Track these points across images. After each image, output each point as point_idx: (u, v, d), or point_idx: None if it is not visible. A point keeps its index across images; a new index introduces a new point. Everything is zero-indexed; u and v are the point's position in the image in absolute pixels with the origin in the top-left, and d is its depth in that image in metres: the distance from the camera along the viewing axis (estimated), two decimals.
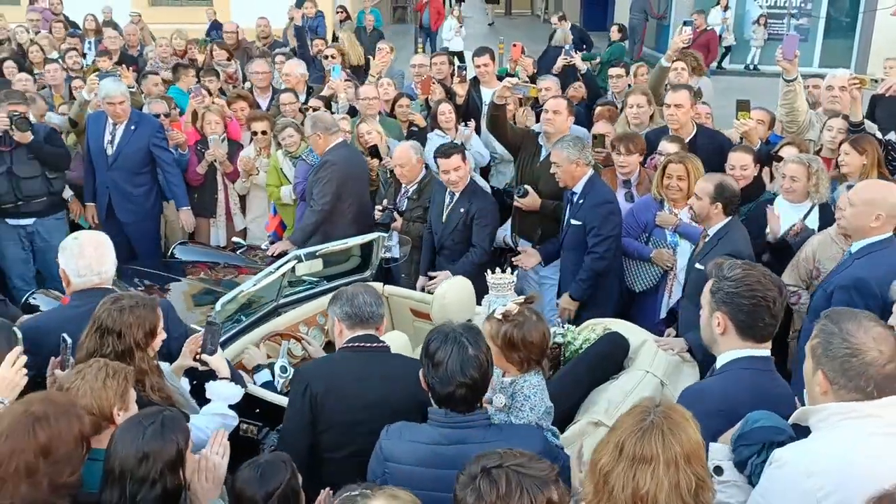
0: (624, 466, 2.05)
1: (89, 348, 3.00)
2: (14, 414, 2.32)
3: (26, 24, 11.95)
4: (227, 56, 8.92)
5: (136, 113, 6.41)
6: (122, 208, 6.35)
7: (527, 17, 29.58)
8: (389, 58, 8.01)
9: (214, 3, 16.47)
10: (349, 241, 5.13)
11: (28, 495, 2.22)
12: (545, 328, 3.11)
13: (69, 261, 3.51)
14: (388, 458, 2.65)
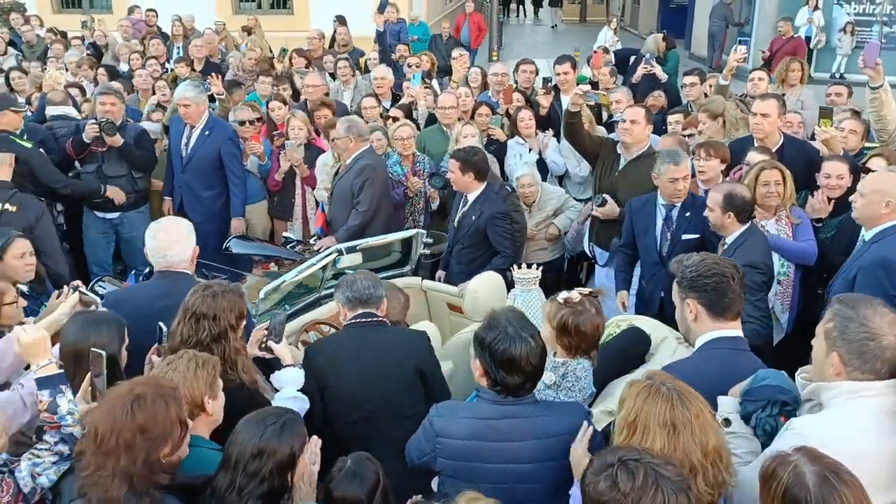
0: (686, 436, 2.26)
1: (184, 334, 3.12)
2: (119, 393, 2.45)
3: (118, 32, 12.49)
4: (305, 64, 9.10)
5: (212, 118, 6.59)
6: (192, 208, 6.54)
7: (601, 25, 29.18)
8: (466, 61, 8.03)
9: (295, 10, 16.83)
10: (388, 237, 5.39)
11: (126, 469, 2.34)
12: (600, 322, 3.28)
13: (147, 243, 3.83)
14: (440, 433, 2.80)
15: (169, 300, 3.56)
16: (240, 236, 6.52)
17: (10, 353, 3.22)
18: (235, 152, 6.57)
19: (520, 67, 7.84)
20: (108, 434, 2.35)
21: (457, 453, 2.77)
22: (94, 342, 3.00)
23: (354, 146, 5.82)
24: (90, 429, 2.40)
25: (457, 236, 5.46)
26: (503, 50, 19.55)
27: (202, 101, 6.46)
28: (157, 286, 3.79)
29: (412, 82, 7.16)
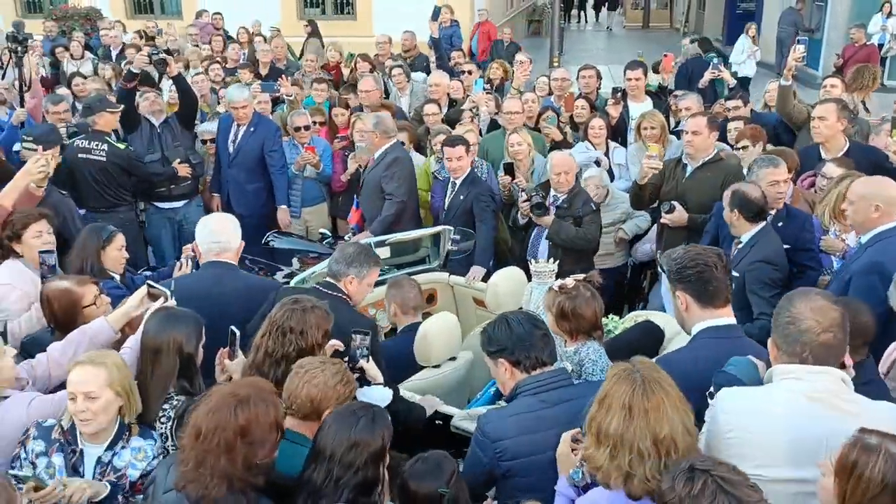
0: (638, 421, 2.32)
1: (269, 347, 3.14)
2: (222, 394, 2.53)
3: (187, 37, 12.85)
4: (370, 69, 9.20)
5: (256, 115, 6.92)
6: (237, 202, 6.84)
7: (665, 31, 28.84)
8: (529, 67, 8.01)
9: (358, 17, 17.04)
10: (417, 232, 5.66)
11: (225, 469, 2.41)
12: (597, 305, 3.52)
13: (198, 233, 4.10)
14: (497, 438, 2.88)
15: (216, 288, 3.91)
16: (279, 231, 6.76)
17: (83, 345, 3.34)
18: (278, 147, 6.86)
19: (581, 73, 7.81)
20: (211, 433, 2.42)
21: (516, 452, 2.86)
22: (172, 338, 3.11)
23: (380, 141, 6.10)
24: (193, 425, 2.47)
25: (447, 220, 5.75)
26: (564, 56, 19.41)
27: (252, 101, 6.85)
28: (206, 273, 4.05)
29: (474, 88, 7.18)
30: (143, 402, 3.10)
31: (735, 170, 5.37)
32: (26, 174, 4.66)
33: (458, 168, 5.75)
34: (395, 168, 6.05)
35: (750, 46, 13.75)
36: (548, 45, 19.89)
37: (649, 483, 2.29)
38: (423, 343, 4.07)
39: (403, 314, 4.37)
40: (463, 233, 5.60)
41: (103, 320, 3.42)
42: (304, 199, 7.13)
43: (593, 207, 5.50)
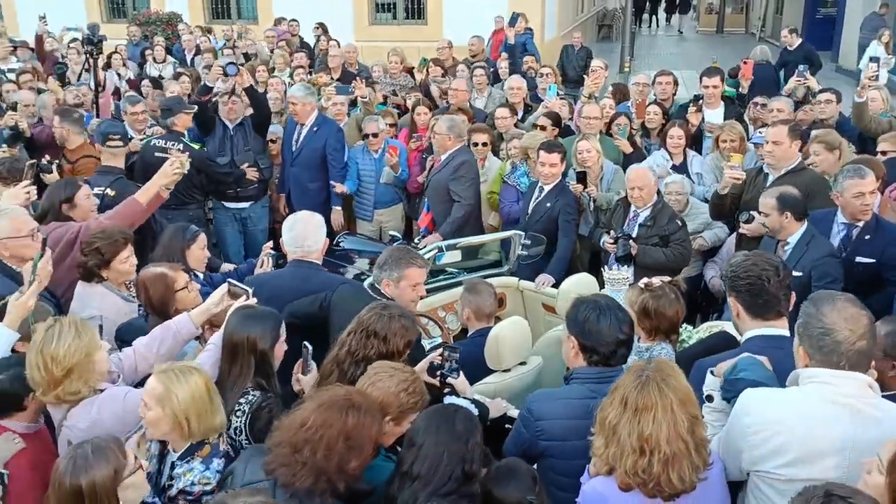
0: (629, 416, 2.44)
1: (352, 346, 3.21)
2: (336, 394, 2.61)
3: (264, 42, 13.16)
4: (441, 73, 9.27)
5: (320, 116, 7.09)
6: (299, 201, 6.97)
7: (740, 35, 28.16)
8: (604, 75, 7.94)
9: (429, 21, 17.16)
10: (487, 237, 5.76)
11: (319, 464, 2.47)
12: (680, 308, 3.62)
13: (284, 233, 4.16)
14: (539, 417, 3.00)
15: (301, 287, 3.94)
16: (349, 232, 6.89)
17: (167, 340, 3.45)
18: (339, 147, 7.01)
19: (657, 79, 7.71)
20: (318, 427, 2.48)
21: (557, 433, 2.97)
22: (250, 336, 3.18)
23: (451, 144, 6.20)
24: (299, 415, 2.54)
25: (528, 223, 5.76)
26: (635, 61, 19.16)
27: (309, 101, 6.94)
28: (291, 272, 4.11)
29: (548, 93, 7.16)
30: (221, 396, 3.17)
31: (818, 179, 5.22)
32: (163, 175, 4.88)
33: (551, 175, 5.73)
34: (462, 171, 6.13)
35: (884, 55, 11.02)
36: (618, 49, 19.69)
37: (629, 478, 2.42)
38: (494, 346, 4.08)
39: (477, 319, 4.38)
40: (533, 238, 5.59)
41: (187, 316, 3.53)
42: (377, 202, 7.22)
43: (679, 224, 5.34)
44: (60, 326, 2.98)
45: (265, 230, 7.20)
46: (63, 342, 2.93)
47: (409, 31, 16.66)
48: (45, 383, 2.94)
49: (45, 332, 2.98)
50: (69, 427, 3.01)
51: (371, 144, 7.08)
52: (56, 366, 2.91)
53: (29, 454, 3.05)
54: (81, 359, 2.96)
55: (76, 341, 2.95)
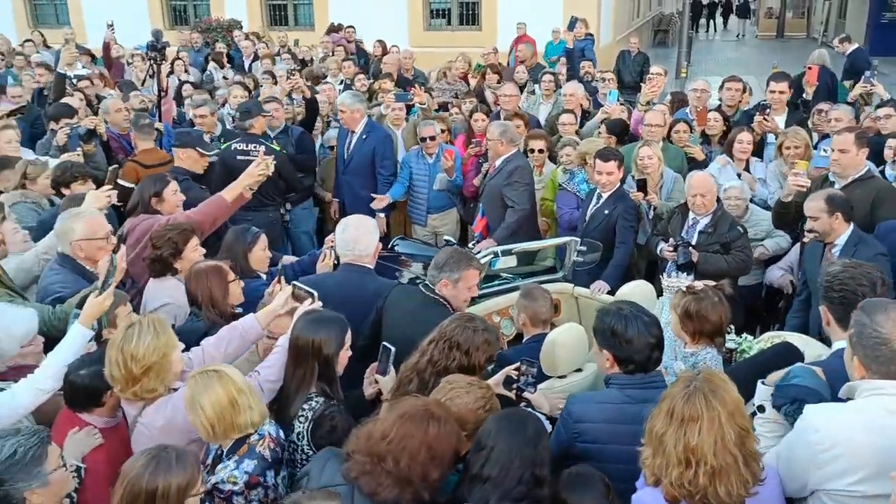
0: (675, 427, 2.40)
1: (434, 356, 3.23)
2: (414, 405, 2.64)
3: (321, 47, 13.37)
4: (497, 79, 9.30)
5: (369, 123, 7.18)
6: (351, 207, 7.05)
7: (800, 40, 27.53)
8: (662, 82, 7.85)
9: (483, 27, 17.21)
10: (543, 242, 5.74)
11: (403, 474, 2.49)
12: (724, 312, 3.57)
13: (337, 236, 4.23)
14: (578, 419, 3.03)
15: (351, 291, 3.99)
16: (404, 237, 6.93)
17: (234, 341, 3.52)
18: (387, 153, 7.11)
19: (725, 84, 7.55)
20: (399, 438, 2.51)
21: (595, 436, 2.98)
22: (315, 340, 3.20)
23: (504, 149, 6.21)
24: (378, 427, 2.56)
25: (585, 230, 5.72)
26: (692, 66, 18.89)
27: (356, 108, 7.01)
28: (343, 276, 4.17)
29: (609, 99, 7.12)
30: (284, 400, 3.24)
31: (887, 187, 5.09)
32: (249, 176, 5.05)
33: (608, 182, 5.68)
34: (517, 176, 6.12)
35: None
36: (674, 55, 19.45)
37: (675, 490, 2.39)
38: (549, 352, 4.05)
39: (532, 325, 4.36)
40: (589, 244, 5.55)
41: (253, 318, 3.57)
42: (430, 207, 7.26)
43: (740, 231, 5.26)
44: (140, 325, 3.06)
45: (308, 232, 7.35)
46: (143, 341, 3.01)
47: (463, 38, 16.73)
48: (123, 380, 3.03)
49: (126, 330, 3.07)
50: (145, 425, 3.08)
51: (427, 148, 7.12)
52: (135, 364, 2.99)
53: (106, 449, 3.14)
54: (159, 358, 3.04)
55: (155, 340, 3.03)
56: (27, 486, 2.49)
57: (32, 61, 11.48)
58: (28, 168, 5.46)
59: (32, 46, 13.15)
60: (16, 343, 3.48)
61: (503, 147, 6.22)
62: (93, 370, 3.15)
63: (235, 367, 3.12)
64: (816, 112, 6.99)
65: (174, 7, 19.79)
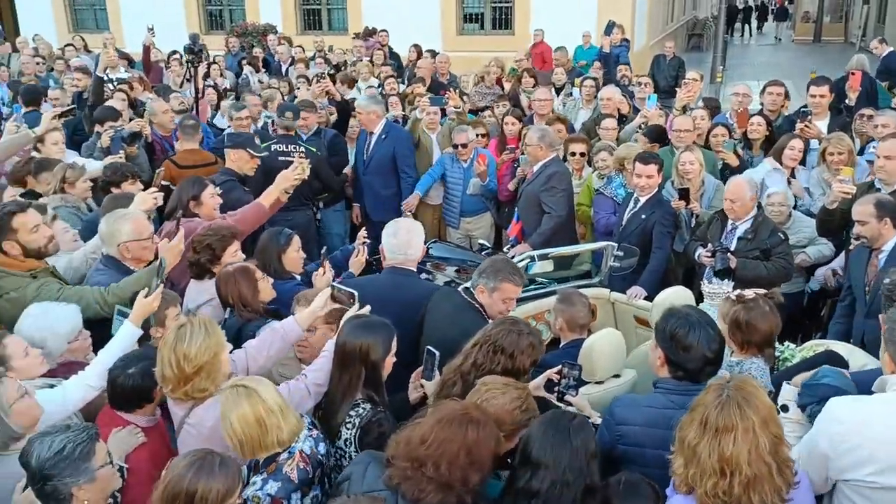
0: (709, 437, 2.38)
1: (478, 360, 3.22)
2: (453, 409, 2.62)
3: (353, 51, 13.46)
4: (533, 83, 9.28)
5: (388, 124, 7.23)
6: (373, 208, 7.15)
7: (838, 45, 27.12)
8: (699, 88, 7.78)
9: (516, 31, 17.20)
10: (580, 247, 5.73)
11: (444, 478, 2.48)
12: (774, 321, 3.51)
13: (385, 239, 4.20)
14: (621, 421, 3.01)
15: (397, 293, 4.00)
16: (437, 240, 6.92)
17: (276, 343, 3.53)
18: (407, 153, 7.17)
19: (767, 89, 7.43)
20: (439, 443, 2.50)
21: (636, 440, 2.96)
22: (363, 345, 3.19)
23: (543, 153, 6.17)
24: (417, 432, 2.56)
25: (622, 235, 5.68)
26: (727, 71, 18.69)
27: (372, 109, 7.10)
28: (389, 279, 4.17)
29: (648, 103, 7.07)
30: (330, 405, 3.24)
31: None
32: (285, 179, 5.13)
33: (647, 186, 5.62)
34: (554, 182, 6.10)
35: None
36: (708, 59, 19.26)
37: (710, 500, 2.37)
38: (587, 358, 4.01)
39: (570, 330, 4.31)
40: (627, 249, 5.51)
41: (293, 320, 3.58)
42: (464, 210, 7.27)
43: (781, 238, 5.17)
44: (191, 325, 3.08)
45: (340, 234, 7.37)
46: (195, 341, 3.03)
47: (496, 42, 16.75)
48: (175, 380, 3.05)
49: (178, 330, 3.09)
50: (194, 425, 3.10)
51: (460, 155, 7.13)
52: (188, 364, 3.01)
53: (149, 448, 3.18)
54: (210, 357, 3.05)
55: (206, 340, 3.05)
56: (75, 481, 2.53)
57: (72, 65, 11.70)
58: (66, 171, 5.56)
59: (73, 51, 13.39)
60: (62, 341, 3.55)
61: (542, 151, 6.19)
62: (142, 367, 3.19)
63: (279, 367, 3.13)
64: (859, 117, 6.86)
65: (210, 12, 20.07)
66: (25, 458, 2.54)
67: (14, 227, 3.94)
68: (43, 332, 3.49)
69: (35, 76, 11.07)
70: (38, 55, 13.02)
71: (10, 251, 3.96)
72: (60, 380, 3.34)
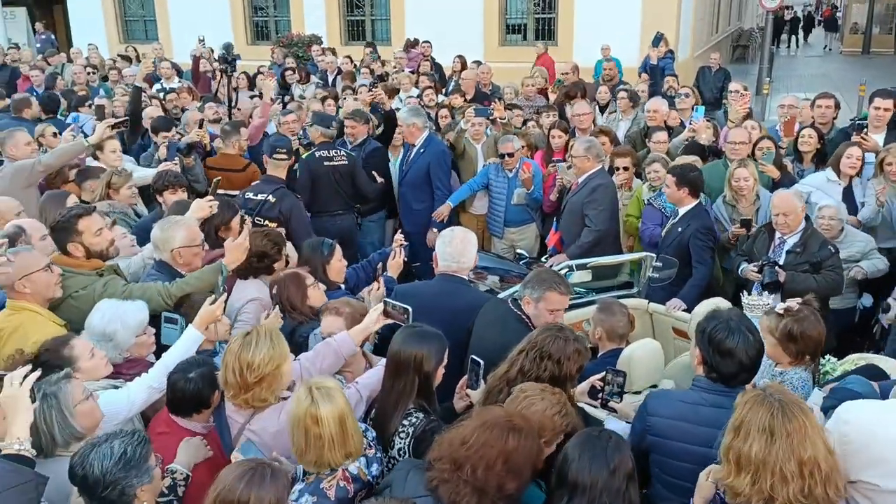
0: (780, 444, 2.35)
1: (525, 367, 3.24)
2: (496, 415, 2.64)
3: (396, 62, 13.56)
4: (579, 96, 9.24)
5: (429, 137, 7.25)
6: (406, 219, 7.20)
7: (888, 57, 26.54)
8: (749, 98, 7.67)
9: (560, 43, 17.16)
10: (619, 258, 5.73)
11: (480, 483, 2.49)
12: (821, 326, 3.54)
13: (440, 247, 4.29)
14: (652, 413, 3.05)
15: (448, 301, 4.08)
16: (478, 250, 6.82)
17: (329, 356, 3.57)
18: (443, 166, 7.18)
19: (817, 101, 7.30)
20: (478, 445, 2.51)
21: (663, 431, 3.00)
22: (416, 355, 3.21)
23: (590, 165, 6.19)
24: (460, 433, 2.58)
25: (661, 246, 5.66)
26: (774, 83, 18.42)
27: (412, 122, 7.15)
28: (440, 286, 4.26)
29: (694, 115, 7.00)
30: (381, 415, 3.25)
31: None
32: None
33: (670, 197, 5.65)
34: (597, 194, 6.08)
35: None
36: (753, 70, 19.04)
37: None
38: (625, 367, 3.98)
39: (609, 340, 4.34)
40: (665, 261, 5.50)
41: (346, 335, 3.61)
42: (508, 220, 7.27)
43: (832, 251, 5.10)
44: (258, 335, 3.13)
45: (374, 244, 7.38)
46: (260, 351, 3.07)
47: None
48: (236, 387, 3.10)
49: (244, 337, 3.14)
50: (255, 432, 3.13)
51: (506, 164, 7.12)
52: (250, 372, 3.06)
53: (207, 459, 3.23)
54: (273, 369, 3.10)
55: (270, 351, 3.09)
56: (140, 482, 2.59)
57: (125, 75, 12.00)
58: (112, 177, 5.70)
59: (124, 61, 13.74)
60: (131, 333, 3.65)
61: (589, 163, 6.19)
62: (202, 372, 3.25)
63: None
64: None
65: (256, 23, 20.41)
66: (82, 471, 2.56)
67: (79, 230, 4.09)
68: (114, 323, 3.59)
69: (87, 85, 11.38)
70: (90, 65, 13.39)
71: (74, 253, 4.11)
72: (123, 382, 3.43)
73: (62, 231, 4.11)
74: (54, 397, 2.89)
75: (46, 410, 2.87)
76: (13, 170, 5.85)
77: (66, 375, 2.99)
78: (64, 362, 3.21)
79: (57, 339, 3.37)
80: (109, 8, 21.02)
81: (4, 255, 3.68)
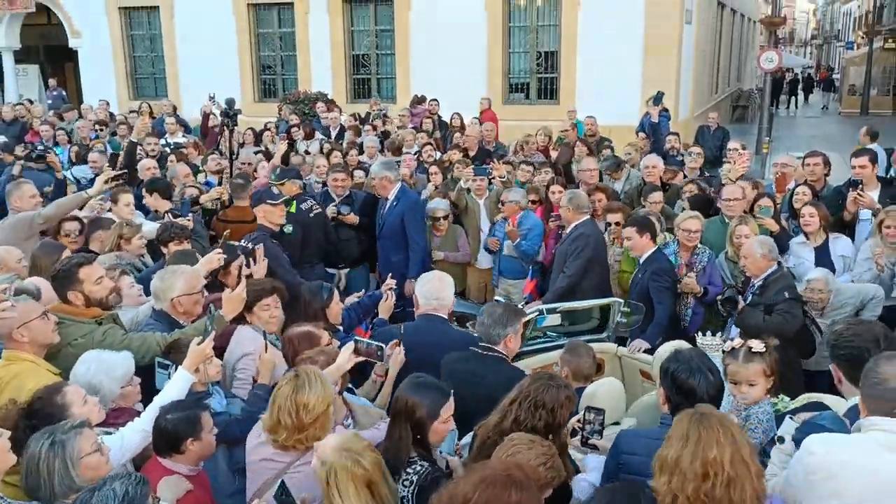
0: (691, 447, 2.54)
1: (520, 417, 3.25)
2: (495, 469, 2.63)
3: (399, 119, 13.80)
4: (587, 152, 9.40)
5: (401, 190, 7.30)
6: (385, 270, 7.13)
7: (886, 118, 26.87)
8: (749, 157, 7.78)
9: (560, 101, 17.47)
10: (586, 303, 5.88)
11: None
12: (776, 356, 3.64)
13: (419, 288, 4.52)
14: (625, 451, 3.15)
15: (432, 338, 4.30)
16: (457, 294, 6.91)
17: None
18: (416, 218, 7.26)
19: (806, 160, 7.41)
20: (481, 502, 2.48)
21: (637, 468, 3.04)
22: (408, 400, 3.22)
23: (573, 216, 6.45)
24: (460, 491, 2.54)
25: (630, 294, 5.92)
26: (773, 142, 18.64)
27: (383, 175, 7.17)
28: (426, 326, 4.47)
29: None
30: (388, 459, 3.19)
31: None
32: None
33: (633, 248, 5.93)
34: (578, 242, 6.30)
35: None
36: (753, 130, 19.28)
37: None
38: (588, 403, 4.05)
39: (574, 380, 4.44)
40: (633, 306, 5.70)
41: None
42: (503, 271, 7.51)
43: (787, 296, 5.24)
44: (307, 376, 3.21)
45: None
46: (314, 391, 3.16)
47: (541, 111, 17.02)
48: (292, 428, 3.15)
49: (294, 379, 3.21)
50: (301, 471, 3.17)
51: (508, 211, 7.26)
52: (306, 413, 3.14)
53: (194, 495, 3.25)
54: (326, 408, 3.20)
55: (323, 391, 3.19)
56: None
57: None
58: (123, 229, 5.79)
59: (136, 116, 14.02)
60: (117, 384, 3.68)
61: (571, 214, 6.46)
62: (186, 415, 3.28)
63: None
64: None
65: (264, 81, 20.83)
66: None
67: (80, 278, 4.15)
68: (99, 375, 3.62)
69: (90, 139, 11.65)
70: (99, 121, 13.69)
71: (73, 301, 4.16)
72: (109, 430, 3.42)
73: (63, 279, 4.17)
74: (62, 446, 2.87)
75: (51, 459, 2.85)
76: (14, 221, 5.98)
77: (81, 424, 2.98)
78: (56, 410, 3.21)
79: (49, 387, 3.36)
80: (120, 65, 21.48)
81: (9, 300, 3.72)
